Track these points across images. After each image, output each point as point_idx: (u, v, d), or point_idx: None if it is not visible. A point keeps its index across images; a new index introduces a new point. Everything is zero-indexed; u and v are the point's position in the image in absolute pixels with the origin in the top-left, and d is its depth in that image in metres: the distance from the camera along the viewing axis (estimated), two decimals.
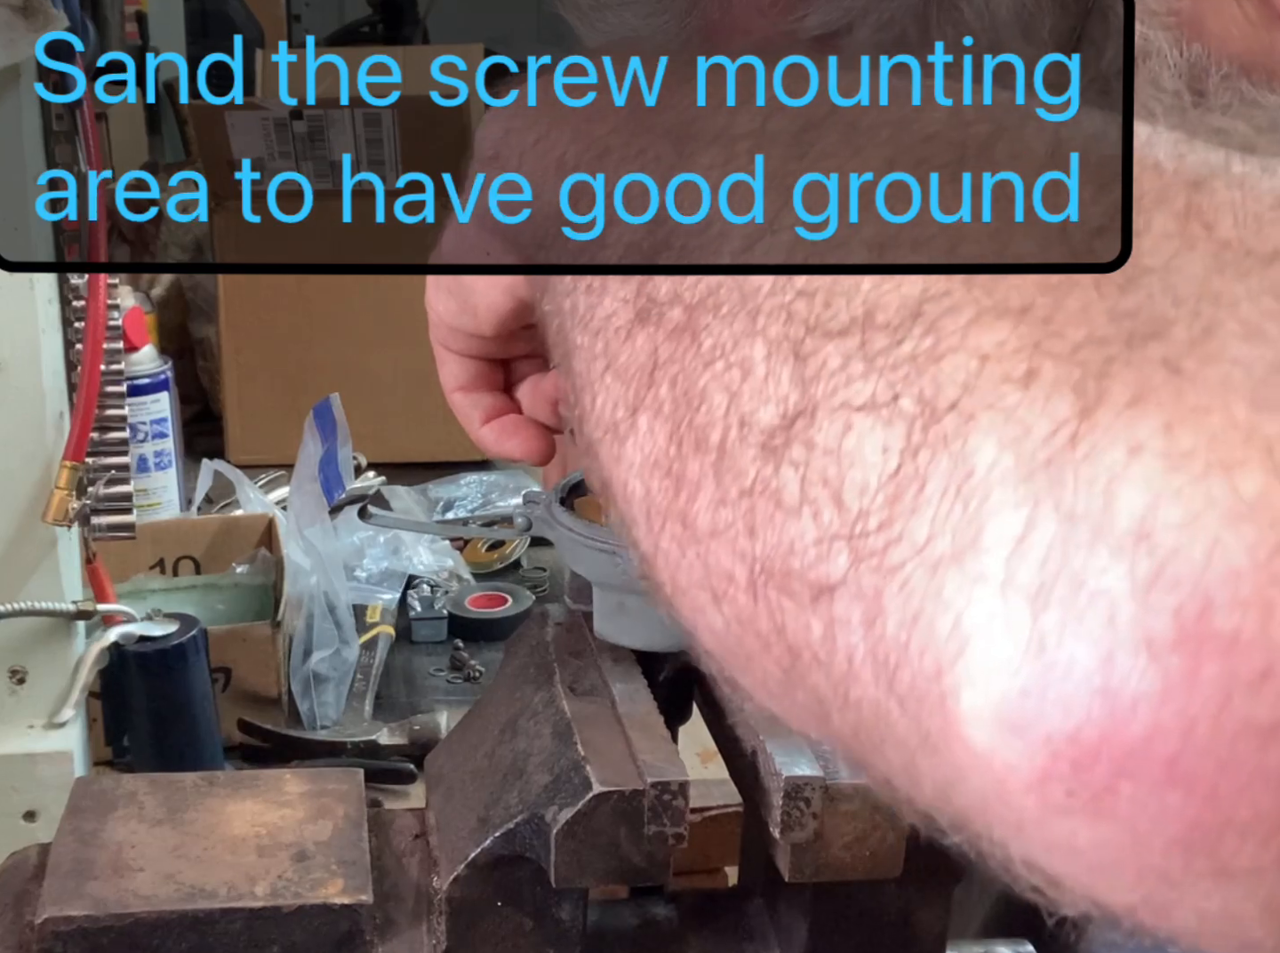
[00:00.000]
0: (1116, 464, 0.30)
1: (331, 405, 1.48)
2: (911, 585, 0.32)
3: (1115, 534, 0.30)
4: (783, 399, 0.36)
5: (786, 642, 0.37)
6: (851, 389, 0.35)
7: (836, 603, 0.35)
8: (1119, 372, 0.31)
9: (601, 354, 0.44)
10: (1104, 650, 0.29)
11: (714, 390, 0.38)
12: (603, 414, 0.44)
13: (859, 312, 0.36)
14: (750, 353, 0.38)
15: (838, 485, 0.34)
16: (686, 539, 0.40)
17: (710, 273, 0.43)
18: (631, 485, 0.42)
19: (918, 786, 0.36)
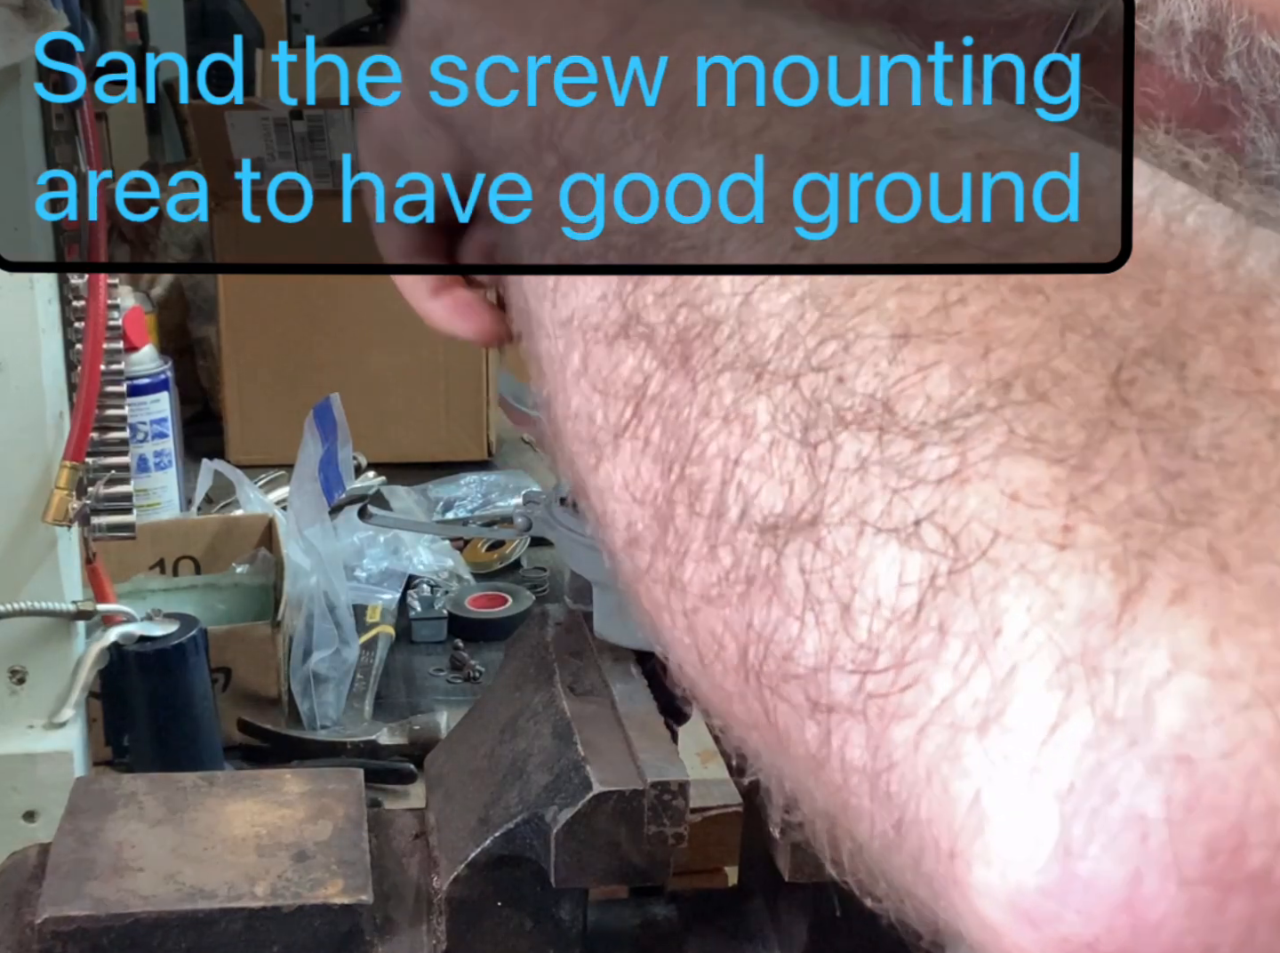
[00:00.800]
0: (1159, 673, 0.29)
1: (331, 405, 1.48)
2: (927, 739, 0.32)
3: (1153, 750, 0.29)
4: (788, 483, 0.34)
5: (778, 731, 0.36)
6: (865, 496, 0.33)
7: (837, 722, 0.34)
8: (1162, 555, 0.30)
9: (576, 352, 0.42)
10: (1132, 869, 0.29)
11: (711, 446, 0.36)
12: (579, 422, 0.42)
13: (878, 403, 0.34)
14: (752, 414, 0.36)
15: (846, 599, 0.33)
16: (672, 592, 0.38)
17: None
18: (611, 511, 0.41)
19: (909, 899, 0.36)
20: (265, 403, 1.98)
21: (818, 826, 0.38)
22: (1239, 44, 0.63)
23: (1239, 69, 0.63)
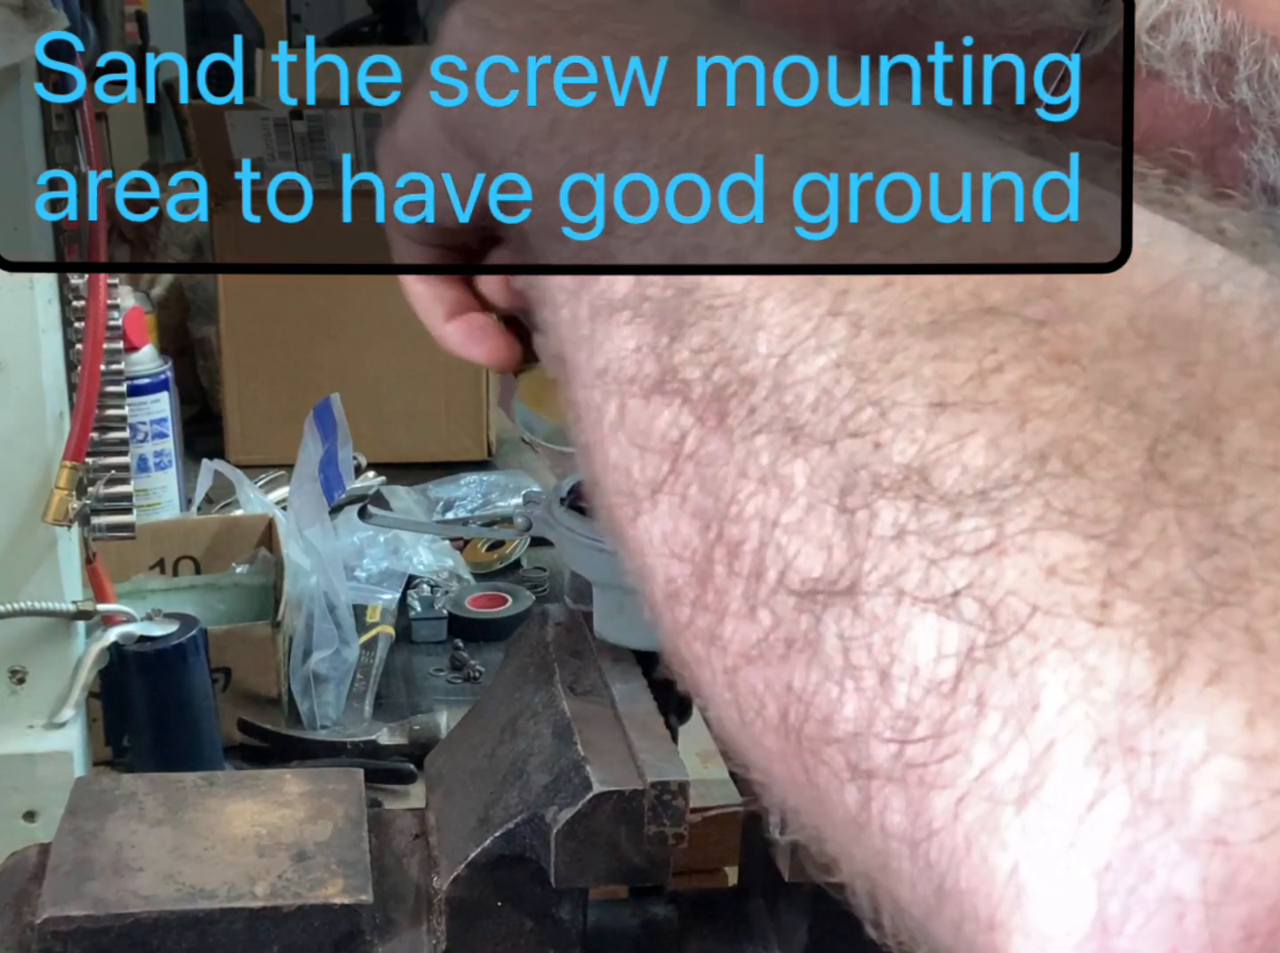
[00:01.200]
0: (1195, 754, 0.29)
1: (331, 405, 1.48)
2: (966, 809, 0.32)
3: (1190, 831, 0.29)
4: (826, 548, 0.35)
5: (818, 791, 0.36)
6: (903, 565, 0.33)
7: (877, 788, 0.34)
8: (1199, 634, 0.30)
9: (613, 404, 0.42)
10: (1168, 949, 0.29)
11: (749, 506, 0.37)
12: (616, 472, 0.42)
13: (914, 471, 0.34)
14: (790, 476, 0.36)
15: (885, 665, 0.33)
16: (713, 649, 0.38)
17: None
18: (651, 564, 0.41)
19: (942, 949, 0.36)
20: (265, 403, 1.98)
21: (858, 886, 0.38)
22: (1250, 66, 0.63)
23: (1249, 91, 0.63)
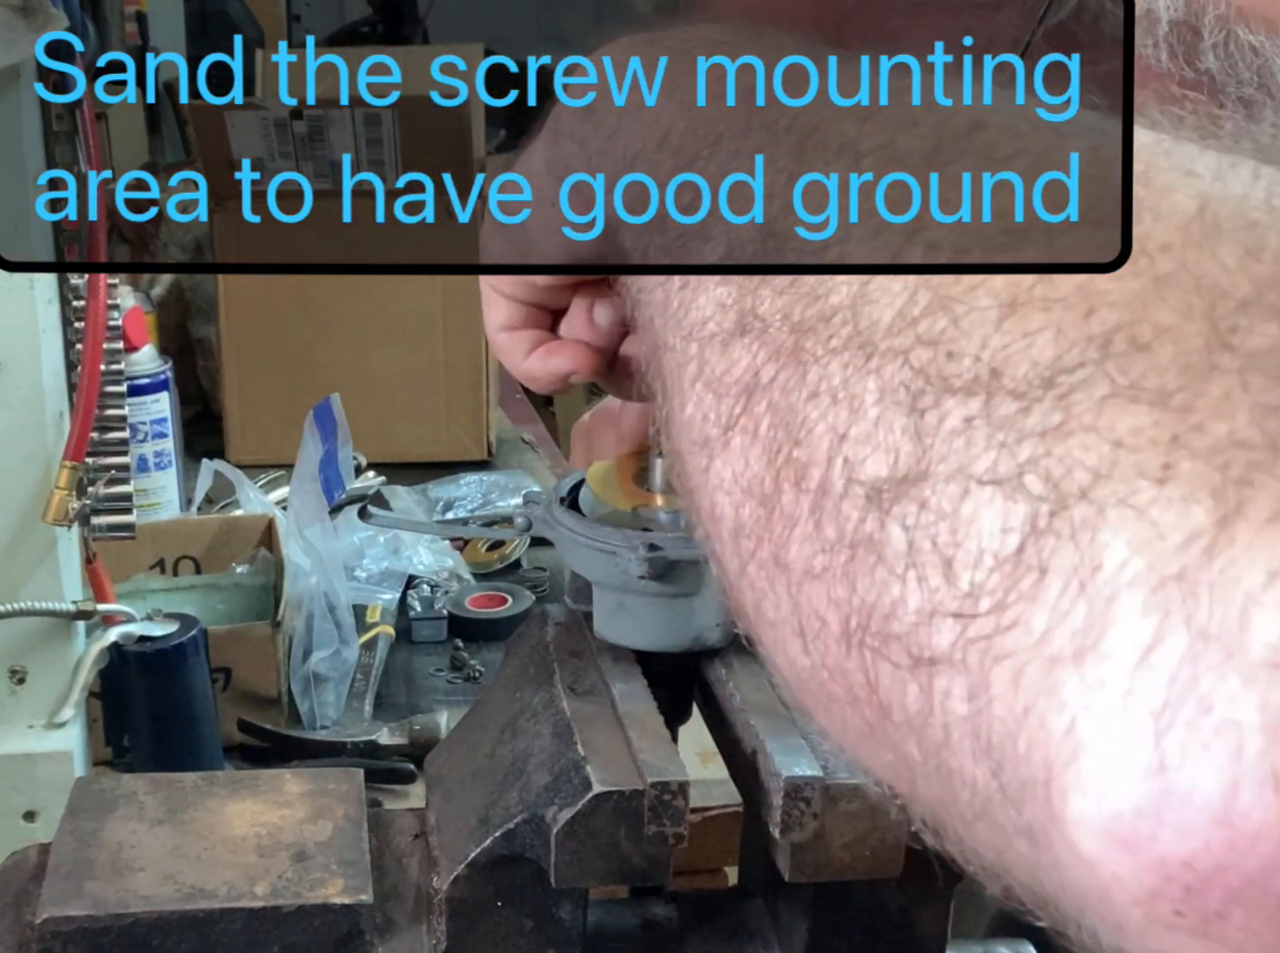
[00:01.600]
0: (1255, 587, 0.29)
1: (331, 405, 1.48)
2: (1025, 677, 0.32)
3: (1249, 661, 0.29)
4: (894, 450, 0.35)
5: (879, 699, 0.36)
6: (972, 455, 0.33)
7: (938, 676, 0.34)
8: (1261, 481, 0.30)
9: (694, 360, 0.43)
10: (1229, 781, 0.29)
11: (818, 425, 0.37)
12: (692, 424, 0.42)
13: (985, 369, 0.34)
14: (861, 393, 0.36)
15: (949, 554, 0.33)
16: (777, 573, 0.39)
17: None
18: (720, 505, 0.41)
19: (1009, 866, 0.35)
20: (265, 403, 1.98)
21: (918, 807, 0.38)
22: (1215, 35, 0.63)
23: (1215, 60, 0.63)
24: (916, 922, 0.65)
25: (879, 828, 0.60)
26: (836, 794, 0.59)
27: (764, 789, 0.62)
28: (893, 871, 0.62)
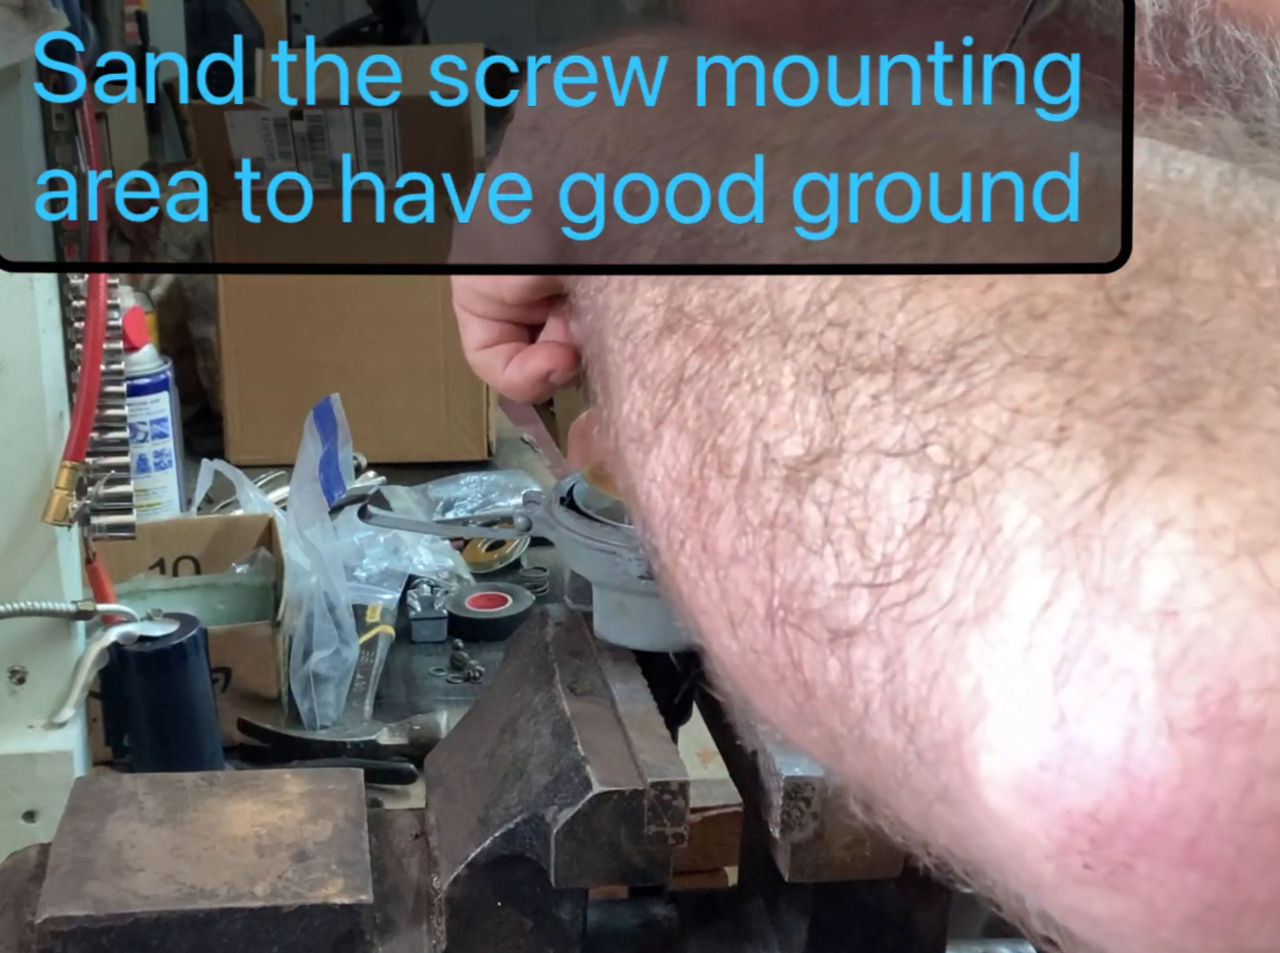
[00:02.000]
0: (1145, 538, 0.30)
1: (331, 405, 1.48)
2: (934, 641, 0.32)
3: (1141, 611, 0.29)
4: (809, 431, 0.36)
5: (803, 677, 0.36)
6: (880, 430, 0.34)
7: (855, 648, 0.34)
8: (1152, 437, 0.31)
9: (630, 359, 0.44)
10: (1125, 730, 0.29)
11: (739, 412, 0.38)
12: (629, 421, 0.43)
13: (891, 348, 0.35)
14: (778, 378, 0.37)
15: (862, 528, 0.34)
16: (706, 561, 0.39)
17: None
18: (654, 497, 0.42)
19: (933, 832, 0.36)
20: (265, 403, 1.98)
21: (849, 782, 0.39)
22: (1201, 31, 0.64)
23: (1201, 56, 0.63)
24: (916, 922, 0.65)
25: (879, 828, 0.60)
26: (836, 794, 0.59)
27: (764, 789, 0.62)
28: (893, 871, 0.62)
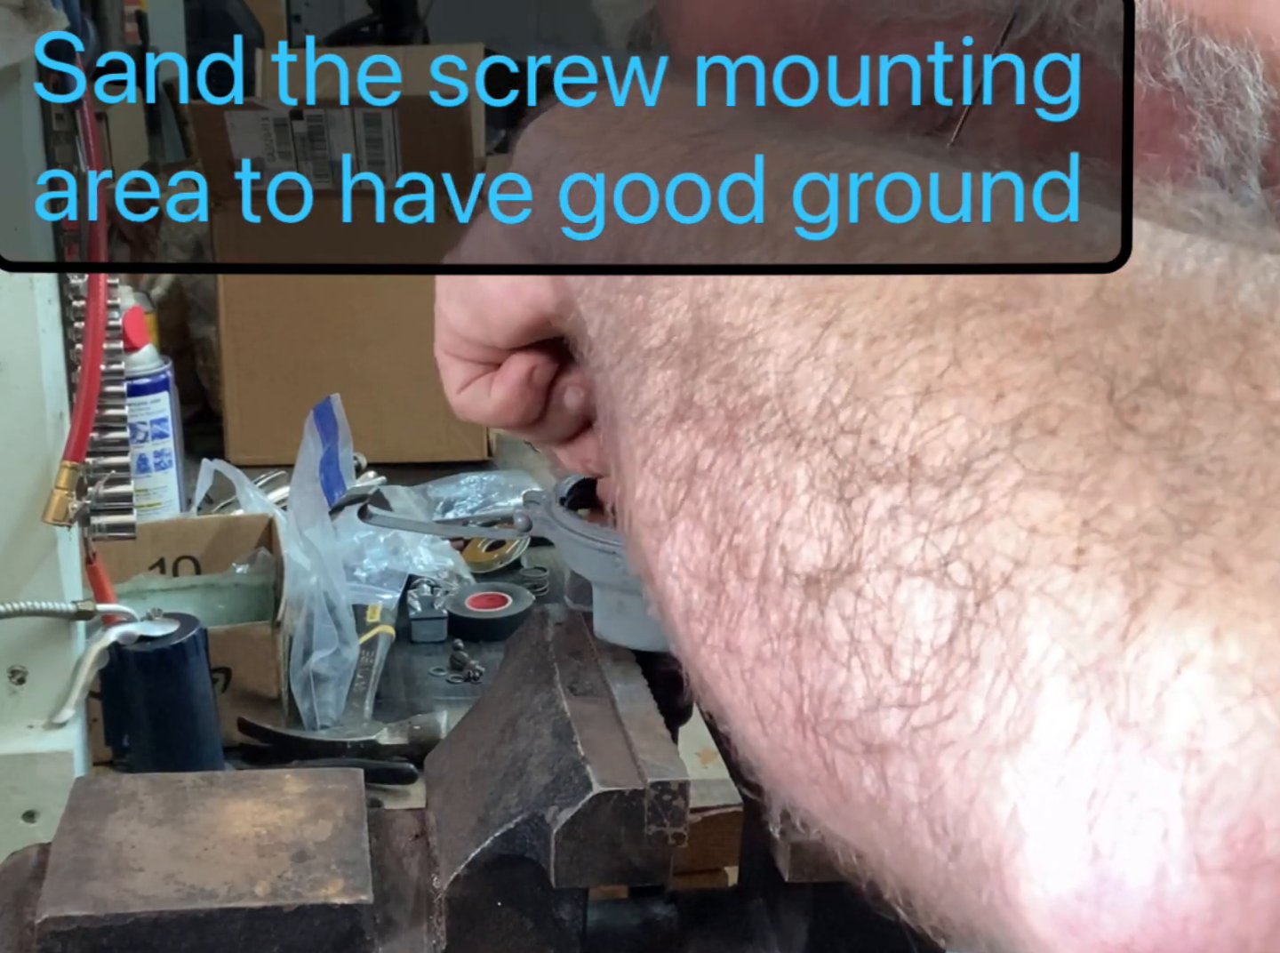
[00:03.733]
0: (1167, 674, 0.30)
1: (332, 405, 1.48)
2: (968, 765, 0.33)
3: (1166, 748, 0.30)
4: (826, 538, 0.36)
5: (838, 781, 0.37)
6: (899, 543, 0.35)
7: (890, 762, 0.35)
8: (1168, 566, 0.31)
9: (642, 442, 0.44)
10: (1157, 866, 0.30)
11: (754, 513, 0.39)
12: (642, 506, 0.44)
13: (904, 458, 0.36)
14: (792, 481, 0.38)
15: (889, 643, 0.35)
16: (729, 657, 0.40)
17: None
18: (671, 588, 0.43)
19: (978, 938, 0.37)
20: (265, 403, 1.98)
21: (888, 880, 0.40)
22: (1180, 45, 0.64)
23: (1181, 71, 0.64)
24: None
25: None
26: None
27: (764, 789, 0.62)
28: None
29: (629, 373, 0.46)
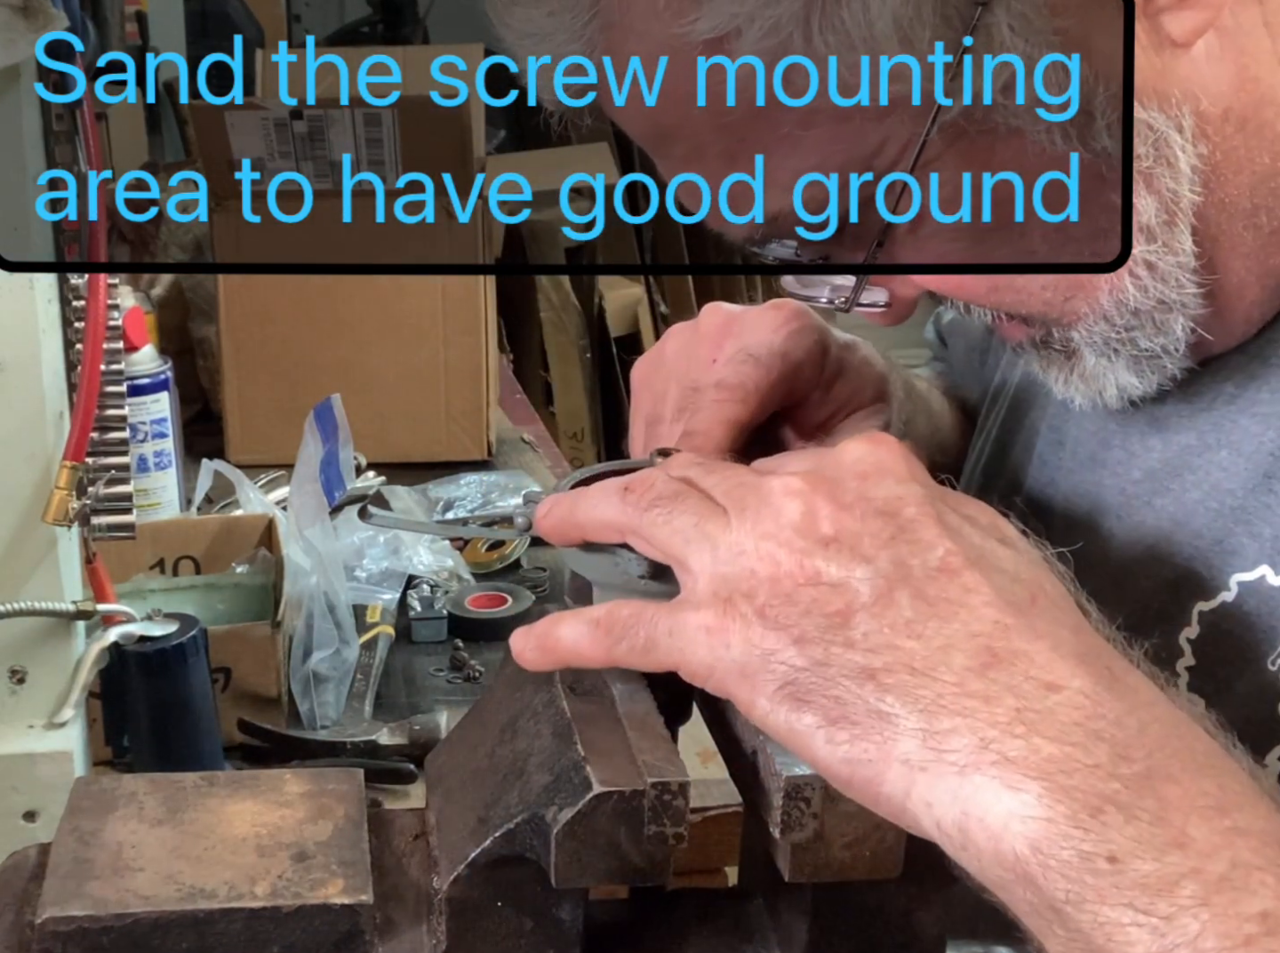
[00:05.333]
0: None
1: (332, 405, 1.48)
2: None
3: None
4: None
5: None
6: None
7: None
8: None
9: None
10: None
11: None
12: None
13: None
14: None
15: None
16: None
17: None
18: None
19: None
20: (265, 403, 1.98)
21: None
22: (1108, 116, 0.65)
23: (1110, 139, 0.65)
24: (916, 922, 0.65)
25: (879, 828, 0.60)
26: (836, 794, 0.59)
27: (764, 789, 0.62)
28: (892, 871, 0.62)
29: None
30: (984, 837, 0.53)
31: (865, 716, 0.56)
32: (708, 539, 0.61)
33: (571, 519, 0.69)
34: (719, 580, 0.59)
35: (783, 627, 0.57)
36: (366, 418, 1.76)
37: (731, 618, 0.58)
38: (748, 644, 0.58)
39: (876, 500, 0.59)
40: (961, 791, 0.53)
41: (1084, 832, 0.51)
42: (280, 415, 1.89)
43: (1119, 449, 0.83)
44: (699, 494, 0.63)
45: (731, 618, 0.58)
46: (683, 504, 0.63)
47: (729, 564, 0.59)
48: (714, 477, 0.64)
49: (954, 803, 0.53)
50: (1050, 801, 0.51)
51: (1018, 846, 0.52)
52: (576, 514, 0.68)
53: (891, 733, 0.55)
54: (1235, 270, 0.72)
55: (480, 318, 1.99)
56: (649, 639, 0.61)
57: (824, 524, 0.58)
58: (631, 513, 0.64)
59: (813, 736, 0.57)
